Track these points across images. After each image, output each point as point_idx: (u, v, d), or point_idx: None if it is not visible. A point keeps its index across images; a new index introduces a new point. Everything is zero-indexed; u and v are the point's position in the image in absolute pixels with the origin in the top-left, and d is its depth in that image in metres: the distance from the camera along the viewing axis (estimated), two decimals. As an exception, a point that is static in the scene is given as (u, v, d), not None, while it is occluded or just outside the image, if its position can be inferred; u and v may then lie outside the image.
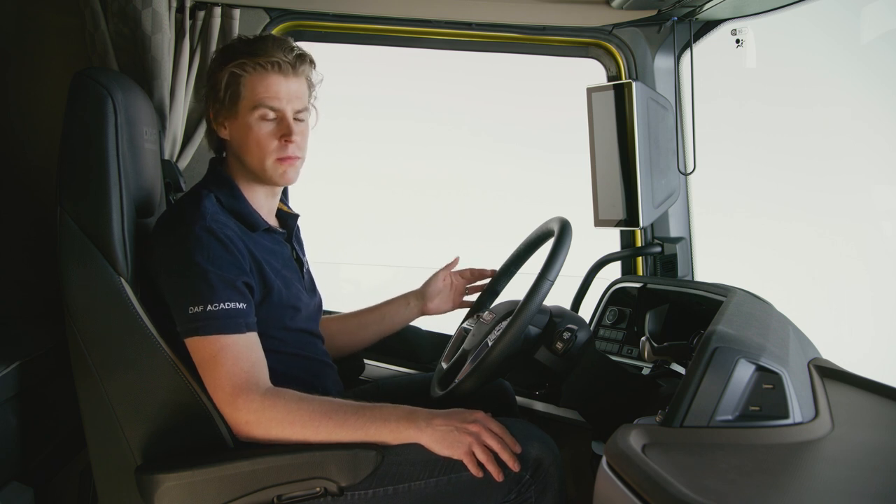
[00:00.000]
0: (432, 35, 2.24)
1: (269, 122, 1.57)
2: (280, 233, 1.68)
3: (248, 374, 1.44)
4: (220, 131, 1.63)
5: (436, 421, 1.44)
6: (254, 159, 1.59)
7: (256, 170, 1.60)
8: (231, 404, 1.43)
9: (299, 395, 1.46)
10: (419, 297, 1.94)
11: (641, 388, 1.67)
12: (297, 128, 1.59)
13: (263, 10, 2.13)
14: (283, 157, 1.58)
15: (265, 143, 1.57)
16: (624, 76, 2.24)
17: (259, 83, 1.56)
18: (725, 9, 2.02)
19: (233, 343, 1.45)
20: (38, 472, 1.74)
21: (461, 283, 1.96)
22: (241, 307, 1.46)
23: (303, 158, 1.63)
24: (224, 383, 1.43)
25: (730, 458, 1.10)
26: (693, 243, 2.30)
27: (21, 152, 2.05)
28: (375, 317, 1.94)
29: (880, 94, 3.66)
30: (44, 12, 2.04)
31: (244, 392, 1.43)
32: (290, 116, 1.58)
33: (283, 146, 1.58)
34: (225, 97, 1.59)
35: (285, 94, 1.57)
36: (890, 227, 3.93)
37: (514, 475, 1.44)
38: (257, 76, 1.56)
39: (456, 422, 1.44)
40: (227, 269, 1.47)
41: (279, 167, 1.59)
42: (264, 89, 1.56)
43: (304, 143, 1.63)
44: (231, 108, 1.59)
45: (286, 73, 1.57)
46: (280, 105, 1.57)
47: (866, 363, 1.70)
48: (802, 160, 3.88)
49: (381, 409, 1.47)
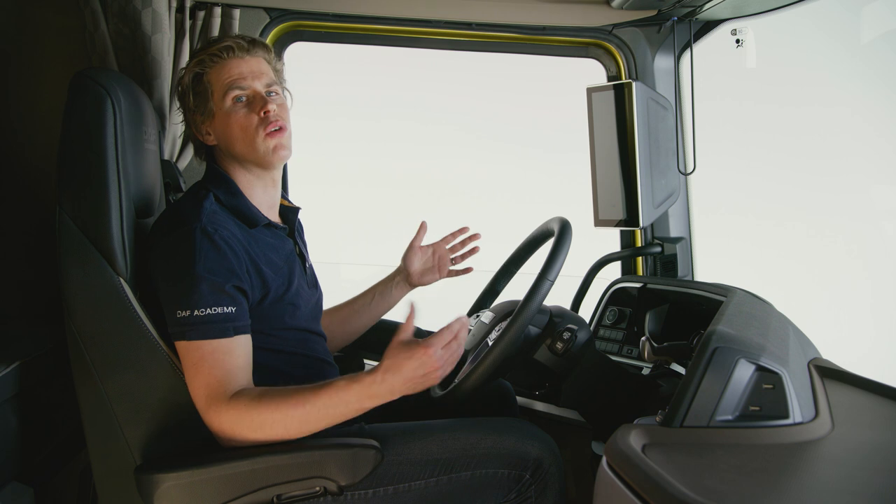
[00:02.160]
0: (432, 35, 2.24)
1: (242, 103, 1.60)
2: (282, 228, 1.68)
3: (221, 381, 1.43)
4: (206, 140, 1.65)
5: (393, 382, 1.39)
6: (242, 145, 1.60)
7: (248, 154, 1.60)
8: (206, 413, 1.43)
9: (258, 394, 1.42)
10: (400, 270, 1.95)
11: (641, 388, 1.67)
12: (272, 101, 1.61)
13: (263, 10, 2.13)
14: (268, 130, 1.59)
15: (245, 122, 1.59)
16: (624, 76, 2.24)
17: (221, 71, 1.60)
18: (725, 9, 2.02)
19: (213, 350, 1.44)
20: (38, 472, 1.74)
21: (444, 252, 1.95)
22: (229, 311, 1.46)
23: (288, 130, 1.63)
24: (200, 391, 1.43)
25: (730, 458, 1.10)
26: (693, 243, 2.30)
27: (21, 152, 2.05)
28: (365, 300, 1.95)
29: (880, 94, 3.66)
30: (44, 12, 2.04)
31: (214, 401, 1.42)
32: (261, 90, 1.61)
33: (263, 119, 1.59)
34: (195, 101, 1.62)
35: (248, 72, 1.61)
36: (890, 227, 3.93)
37: (514, 475, 1.44)
38: (217, 66, 1.61)
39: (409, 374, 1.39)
40: (218, 272, 1.46)
41: (269, 141, 1.59)
42: (227, 74, 1.60)
43: (285, 114, 1.64)
44: (205, 109, 1.61)
45: (242, 55, 1.62)
46: (247, 83, 1.60)
47: (866, 363, 1.70)
48: (802, 160, 3.88)
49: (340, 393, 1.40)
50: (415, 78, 4.12)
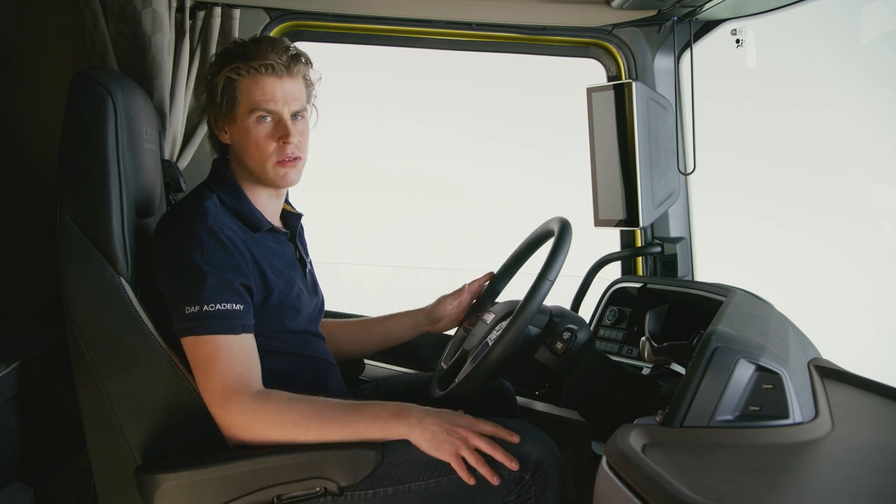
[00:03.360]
0: (432, 35, 2.24)
1: (266, 124, 1.57)
2: (283, 233, 1.68)
3: (240, 376, 1.44)
4: (221, 136, 1.64)
5: (427, 420, 1.44)
6: (254, 162, 1.59)
7: (257, 172, 1.60)
8: (221, 406, 1.43)
9: (289, 397, 1.45)
10: (426, 317, 1.89)
11: (641, 388, 1.67)
12: (295, 128, 1.58)
13: (263, 10, 2.13)
14: (283, 158, 1.58)
15: (263, 145, 1.57)
16: (624, 76, 2.24)
17: (254, 86, 1.56)
18: (725, 9, 2.02)
19: (227, 344, 1.44)
20: (38, 472, 1.74)
21: (467, 302, 1.91)
22: (237, 308, 1.46)
23: (304, 159, 1.62)
24: (216, 385, 1.43)
25: (730, 458, 1.10)
26: (693, 243, 2.30)
27: (21, 152, 2.05)
28: (381, 330, 1.93)
29: (880, 94, 3.66)
30: (44, 12, 2.04)
31: (235, 394, 1.42)
32: (287, 117, 1.58)
33: (281, 147, 1.57)
34: (222, 102, 1.59)
35: (281, 95, 1.57)
36: (890, 227, 3.93)
37: (514, 475, 1.44)
38: (252, 80, 1.56)
39: (446, 423, 1.44)
40: (225, 270, 1.47)
41: (279, 170, 1.59)
42: (260, 92, 1.56)
43: (304, 142, 1.62)
44: (229, 113, 1.59)
45: (280, 75, 1.57)
46: (276, 107, 1.57)
47: (866, 363, 1.70)
48: (802, 160, 3.88)
49: (370, 407, 1.46)
50: (415, 78, 4.12)
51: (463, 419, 1.45)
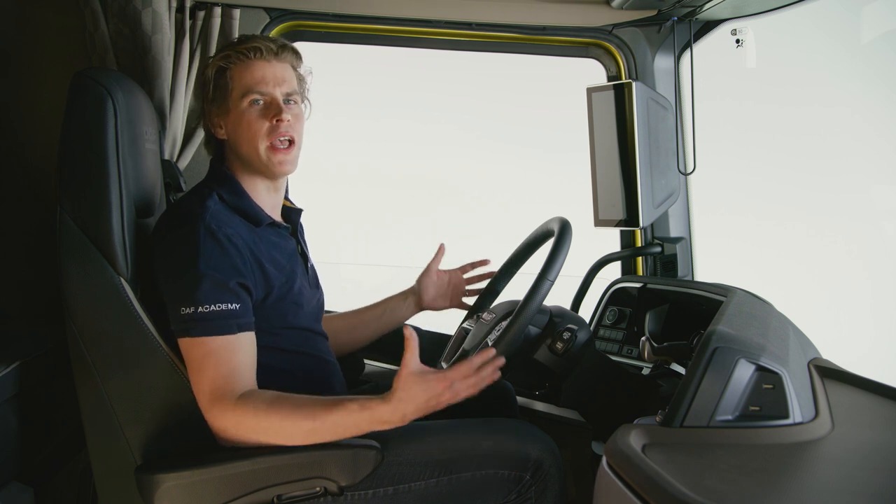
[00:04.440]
0: (432, 35, 2.24)
1: (258, 107, 1.59)
2: (284, 227, 1.68)
3: (227, 379, 1.43)
4: (217, 132, 1.64)
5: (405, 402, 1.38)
6: (248, 146, 1.59)
7: (252, 158, 1.60)
8: (209, 411, 1.43)
9: (270, 400, 1.42)
10: (415, 291, 1.94)
11: (641, 388, 1.67)
12: (288, 110, 1.59)
13: (263, 10, 2.13)
14: (276, 141, 1.58)
15: (256, 125, 1.58)
16: (624, 76, 2.24)
17: (245, 71, 1.59)
18: (725, 9, 2.02)
19: (220, 346, 1.44)
20: (38, 472, 1.74)
21: (459, 280, 1.95)
22: (233, 308, 1.46)
23: (298, 145, 1.62)
24: (205, 388, 1.43)
25: (730, 458, 1.10)
26: (693, 243, 2.30)
27: (21, 152, 2.05)
28: (375, 313, 1.95)
29: (880, 94, 3.67)
30: (44, 12, 2.04)
31: (219, 399, 1.42)
32: (279, 98, 1.59)
33: (274, 127, 1.58)
34: (215, 94, 1.61)
35: (272, 77, 1.59)
36: (890, 227, 3.93)
37: (514, 475, 1.44)
38: (242, 65, 1.59)
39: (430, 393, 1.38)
40: (222, 270, 1.46)
41: (273, 156, 1.59)
42: (250, 76, 1.59)
43: (298, 126, 1.62)
44: (222, 104, 1.61)
45: (269, 59, 1.60)
46: (267, 89, 1.59)
47: (866, 363, 1.70)
48: (802, 160, 3.88)
49: (355, 398, 1.41)
50: (415, 78, 4.12)
51: (426, 393, 1.38)
